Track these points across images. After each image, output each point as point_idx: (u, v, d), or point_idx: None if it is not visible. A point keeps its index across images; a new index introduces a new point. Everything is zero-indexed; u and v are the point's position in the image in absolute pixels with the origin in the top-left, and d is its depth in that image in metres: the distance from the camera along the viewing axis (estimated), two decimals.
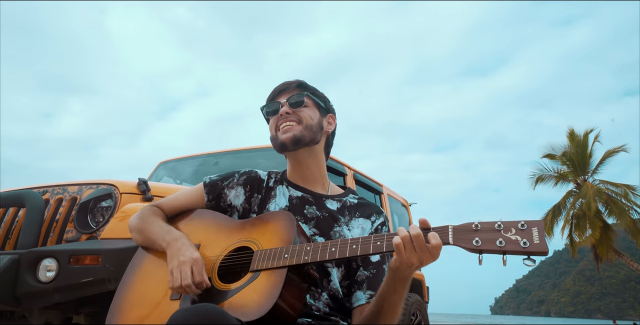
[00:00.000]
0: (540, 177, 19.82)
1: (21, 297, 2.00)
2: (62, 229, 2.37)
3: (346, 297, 1.32)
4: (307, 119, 1.39)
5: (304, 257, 1.10)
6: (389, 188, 5.09)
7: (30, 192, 2.33)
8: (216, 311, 0.93)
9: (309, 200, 1.40)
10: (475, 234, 1.02)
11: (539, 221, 1.01)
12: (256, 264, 1.14)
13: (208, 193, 1.42)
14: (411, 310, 4.53)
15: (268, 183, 1.45)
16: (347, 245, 1.10)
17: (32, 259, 2.03)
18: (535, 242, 0.97)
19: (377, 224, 1.41)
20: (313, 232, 1.34)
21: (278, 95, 1.45)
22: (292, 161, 1.45)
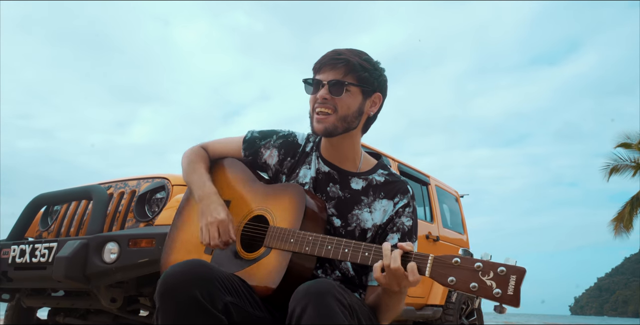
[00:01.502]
0: (615, 168, 18.73)
1: (90, 276, 2.31)
2: (124, 219, 2.68)
3: (357, 275, 1.41)
4: (344, 108, 1.34)
5: (305, 248, 1.22)
6: (437, 179, 5.14)
7: (96, 186, 2.66)
8: (204, 264, 1.11)
9: (334, 178, 1.42)
10: (452, 271, 1.02)
11: (520, 268, 0.98)
12: (269, 241, 1.29)
13: (245, 149, 1.51)
14: (461, 300, 4.58)
15: (305, 148, 1.48)
16: (342, 247, 1.18)
17: (98, 243, 2.33)
18: (508, 293, 0.96)
19: (399, 207, 1.39)
20: (332, 212, 1.39)
21: (322, 69, 1.36)
22: (326, 141, 1.45)
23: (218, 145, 1.58)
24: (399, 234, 1.37)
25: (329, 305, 1.01)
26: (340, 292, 1.05)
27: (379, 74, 1.40)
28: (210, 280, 1.08)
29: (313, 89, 1.37)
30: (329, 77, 1.34)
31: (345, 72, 1.34)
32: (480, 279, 0.99)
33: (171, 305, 1.05)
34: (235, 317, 1.12)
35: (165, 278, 1.07)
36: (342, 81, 1.33)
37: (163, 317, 1.06)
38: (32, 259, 2.50)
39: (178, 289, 1.05)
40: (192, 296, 1.04)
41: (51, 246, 2.45)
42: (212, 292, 1.07)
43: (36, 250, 2.50)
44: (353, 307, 1.08)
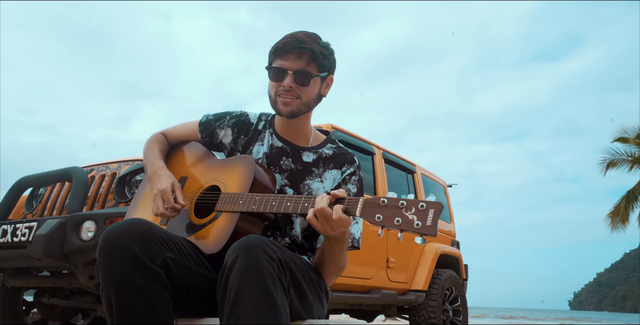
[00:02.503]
0: (612, 162, 18.74)
1: (68, 254, 2.38)
2: (105, 200, 2.75)
3: (307, 241, 1.50)
4: (306, 96, 1.44)
5: (252, 206, 1.30)
6: (423, 168, 5.19)
7: (76, 167, 2.73)
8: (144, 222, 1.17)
9: (286, 152, 1.52)
10: (379, 210, 1.12)
11: (437, 203, 1.08)
12: (220, 206, 1.37)
13: (201, 131, 1.59)
14: (445, 285, 4.64)
15: (257, 126, 1.57)
16: (285, 201, 1.27)
17: (75, 222, 2.40)
18: (427, 224, 1.06)
19: (346, 174, 1.49)
20: (285, 182, 1.49)
21: (286, 56, 1.42)
22: (282, 120, 1.53)
23: (176, 131, 1.66)
24: None
25: (256, 259, 1.07)
26: (271, 247, 1.12)
27: (333, 57, 1.50)
28: (149, 236, 1.14)
29: (277, 76, 1.44)
30: (294, 66, 1.42)
31: (308, 61, 1.42)
32: (403, 215, 1.09)
33: (109, 260, 1.11)
34: (176, 274, 1.17)
35: (105, 234, 1.13)
36: (309, 73, 1.43)
37: (102, 271, 1.12)
38: (14, 239, 2.57)
39: (116, 244, 1.11)
40: (130, 250, 1.10)
41: (31, 225, 2.52)
42: (151, 247, 1.13)
43: (17, 230, 2.57)
44: (285, 262, 1.14)
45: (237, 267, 1.07)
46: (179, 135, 1.65)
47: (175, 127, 1.68)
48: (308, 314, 1.28)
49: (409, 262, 4.48)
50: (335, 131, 3.83)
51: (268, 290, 1.05)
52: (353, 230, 1.47)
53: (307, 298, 1.26)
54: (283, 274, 1.12)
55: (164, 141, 1.64)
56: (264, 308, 1.03)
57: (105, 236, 1.13)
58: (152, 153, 1.57)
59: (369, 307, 4.37)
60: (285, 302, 1.09)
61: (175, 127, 1.68)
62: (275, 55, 1.45)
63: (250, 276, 1.05)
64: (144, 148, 1.63)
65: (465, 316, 4.97)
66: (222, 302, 1.09)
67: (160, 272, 1.13)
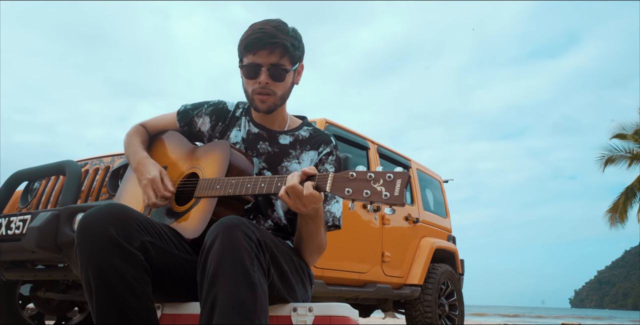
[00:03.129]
0: (610, 159, 18.76)
1: (61, 246, 2.39)
2: (98, 194, 2.77)
3: (290, 224, 1.52)
4: (281, 90, 1.47)
5: (228, 190, 1.32)
6: (419, 163, 5.21)
7: (70, 161, 2.75)
8: (122, 207, 1.19)
9: (263, 137, 1.54)
10: (349, 184, 1.13)
11: (404, 173, 1.10)
12: (198, 192, 1.39)
13: (180, 120, 1.61)
14: (440, 280, 4.66)
15: (235, 113, 1.59)
16: (259, 183, 1.29)
17: (69, 214, 2.41)
18: (394, 194, 1.08)
19: (323, 154, 1.53)
20: (262, 166, 1.51)
21: (258, 53, 1.42)
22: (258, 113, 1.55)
23: (155, 121, 1.67)
24: None
25: (235, 238, 1.09)
26: (250, 228, 1.13)
27: (302, 44, 1.51)
28: (127, 220, 1.16)
29: (251, 73, 1.44)
30: (267, 61, 1.42)
31: (281, 55, 1.43)
32: (372, 187, 1.11)
33: (87, 243, 1.12)
34: (155, 256, 1.19)
35: (84, 217, 1.15)
36: (284, 68, 1.44)
37: (80, 254, 1.14)
38: (8, 232, 2.58)
39: (94, 227, 1.12)
40: (107, 233, 1.11)
41: (25, 218, 2.54)
42: (128, 230, 1.14)
43: (11, 223, 2.59)
44: (264, 242, 1.15)
45: (216, 246, 1.08)
46: (157, 126, 1.67)
47: (154, 118, 1.69)
48: (291, 297, 1.29)
49: (404, 256, 4.49)
50: (329, 126, 3.85)
51: (245, 268, 1.06)
52: (334, 209, 1.49)
53: (289, 281, 1.28)
54: (262, 255, 1.13)
55: (143, 132, 1.65)
56: (242, 284, 1.05)
57: (83, 220, 1.14)
58: (133, 145, 1.58)
59: (364, 302, 4.39)
60: (264, 281, 1.11)
61: (154, 118, 1.69)
62: (247, 51, 1.44)
63: (228, 254, 1.07)
64: (124, 141, 1.64)
65: (462, 310, 4.98)
66: (201, 280, 1.10)
67: (139, 255, 1.15)
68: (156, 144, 1.66)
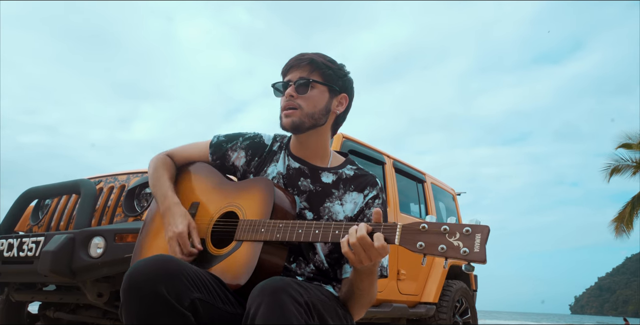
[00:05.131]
0: (616, 168, 18.65)
1: (76, 271, 2.30)
2: (113, 213, 2.68)
3: (332, 268, 1.41)
4: (309, 106, 1.39)
5: (276, 235, 1.22)
6: (433, 177, 5.12)
7: (85, 180, 2.65)
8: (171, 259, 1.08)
9: (304, 173, 1.44)
10: (420, 237, 1.04)
11: (484, 227, 1.01)
12: (239, 234, 1.28)
13: (212, 153, 1.51)
14: (455, 297, 4.56)
15: (272, 147, 1.50)
16: (312, 229, 1.19)
17: (84, 238, 2.32)
18: (475, 251, 0.99)
19: (369, 198, 1.42)
20: (303, 205, 1.40)
21: (290, 71, 1.42)
22: (295, 139, 1.48)
23: (184, 152, 1.57)
24: None
25: (282, 304, 0.99)
26: (297, 289, 1.03)
27: (344, 73, 1.46)
28: (177, 276, 1.06)
29: (280, 89, 1.43)
30: (296, 76, 1.40)
31: (310, 70, 1.40)
32: (447, 241, 1.01)
33: (135, 301, 1.03)
34: (203, 314, 1.09)
35: (131, 273, 1.05)
36: (307, 79, 1.39)
37: (127, 314, 1.04)
38: (20, 253, 2.49)
39: (142, 284, 1.02)
40: (157, 292, 1.02)
41: (38, 240, 2.45)
42: (179, 288, 1.05)
43: (24, 245, 2.50)
44: (312, 304, 1.06)
45: (262, 312, 0.98)
46: (187, 157, 1.57)
47: (183, 147, 1.58)
48: None
49: (419, 273, 4.39)
50: (346, 141, 3.76)
51: None
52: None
53: None
54: (311, 318, 1.04)
55: (171, 165, 1.55)
56: None
57: (130, 275, 1.04)
58: (162, 182, 1.48)
59: (378, 321, 4.29)
60: None
61: (183, 147, 1.58)
62: (282, 74, 1.45)
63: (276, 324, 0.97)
64: (149, 170, 1.54)
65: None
66: None
67: (189, 315, 1.06)
68: (185, 176, 1.55)
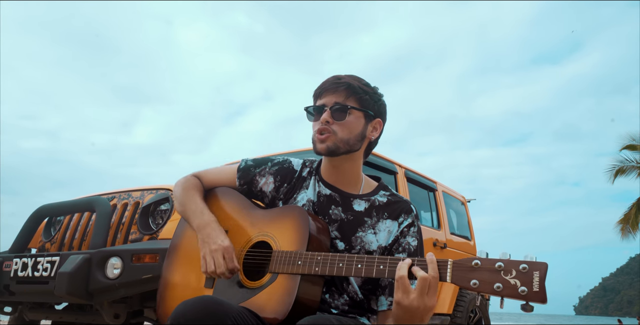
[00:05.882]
0: (621, 169, 18.59)
1: (93, 292, 2.26)
2: (128, 231, 2.63)
3: (366, 299, 1.36)
4: (345, 132, 1.35)
5: (315, 268, 1.17)
6: (444, 185, 5.07)
7: (99, 198, 2.61)
8: (215, 301, 1.05)
9: (336, 200, 1.40)
10: (473, 274, 1.00)
11: (542, 264, 0.96)
12: (274, 266, 1.23)
13: (240, 178, 1.48)
14: (469, 308, 4.50)
15: (301, 173, 1.47)
16: (354, 263, 1.13)
17: (100, 258, 2.28)
18: (534, 290, 0.93)
19: (404, 226, 1.38)
20: (335, 235, 1.36)
21: (324, 94, 1.38)
22: (328, 164, 1.44)
23: (212, 175, 1.54)
24: (405, 254, 1.35)
25: None
26: None
27: (378, 98, 1.43)
28: (222, 317, 1.03)
29: (315, 115, 1.39)
30: (331, 101, 1.36)
31: (346, 95, 1.36)
32: (503, 279, 0.97)
33: None
34: None
35: (175, 317, 1.01)
36: (345, 105, 1.35)
37: None
38: (35, 273, 2.45)
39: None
40: None
41: (53, 260, 2.41)
42: None
43: (38, 264, 2.46)
44: None
45: None
46: (214, 181, 1.53)
47: (210, 171, 1.55)
48: None
49: None
50: None
51: None
52: None
53: None
54: None
55: (199, 186, 1.50)
56: None
57: (175, 319, 1.01)
58: (196, 201, 1.43)
59: None
60: None
61: (210, 171, 1.55)
62: (316, 97, 1.41)
63: None
64: (176, 191, 1.50)
65: None
66: None
67: None
68: (213, 200, 1.50)
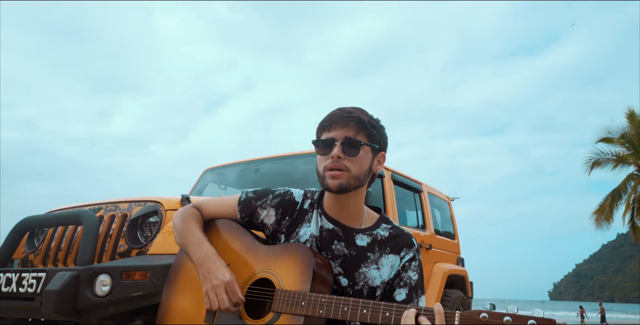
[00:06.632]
0: (597, 162, 19.02)
1: (81, 310, 2.21)
2: (115, 244, 2.58)
3: None
4: (357, 168, 1.35)
5: (319, 311, 1.17)
6: (428, 185, 5.11)
7: (86, 211, 2.55)
8: None
9: (338, 235, 1.40)
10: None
11: (550, 320, 0.97)
12: (277, 306, 1.22)
13: (241, 211, 1.46)
14: (454, 307, 4.57)
15: (302, 205, 1.46)
16: (359, 308, 1.14)
17: (89, 275, 2.23)
18: None
19: (406, 261, 1.39)
20: (338, 271, 1.36)
21: (334, 127, 1.36)
22: (333, 199, 1.42)
23: (212, 207, 1.51)
24: (406, 288, 1.36)
25: None
26: None
27: (383, 131, 1.44)
28: None
29: (325, 148, 1.37)
30: (342, 135, 1.35)
31: (357, 130, 1.36)
32: None
33: None
34: None
35: None
36: (357, 141, 1.35)
37: None
38: (19, 289, 2.39)
39: None
40: None
41: (39, 276, 2.35)
42: None
43: (23, 280, 2.40)
44: None
45: None
46: (215, 213, 1.50)
47: (210, 202, 1.52)
48: None
49: None
50: None
51: None
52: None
53: None
54: None
55: (199, 217, 1.48)
56: None
57: None
58: (195, 233, 1.41)
59: None
60: None
61: (210, 202, 1.52)
62: (323, 129, 1.39)
63: None
64: (175, 222, 1.48)
65: None
66: None
67: None
68: (213, 233, 1.48)
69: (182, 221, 1.45)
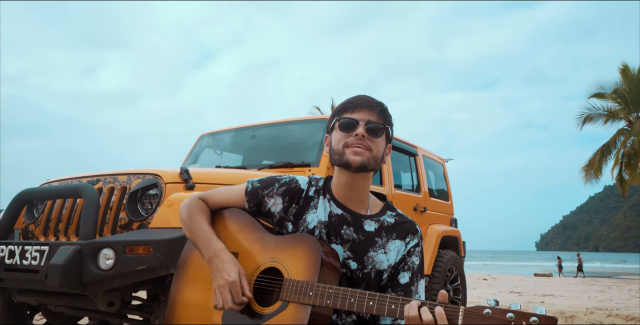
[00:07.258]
0: (588, 117, 19.09)
1: (86, 284, 2.26)
2: (116, 217, 2.60)
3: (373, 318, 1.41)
4: (377, 150, 1.41)
5: (326, 301, 1.20)
6: (424, 149, 5.13)
7: (86, 185, 2.54)
8: None
9: (347, 221, 1.43)
10: (484, 323, 1.02)
11: (552, 318, 0.98)
12: (286, 295, 1.26)
13: (249, 201, 1.48)
14: (447, 267, 4.71)
15: (308, 192, 1.48)
16: (365, 300, 1.17)
17: (93, 249, 2.26)
18: None
19: (411, 246, 1.44)
20: (347, 255, 1.40)
21: (358, 109, 1.41)
22: (345, 181, 1.44)
23: (218, 198, 1.52)
24: (409, 272, 1.43)
25: None
26: None
27: (393, 124, 1.52)
28: None
29: (347, 126, 1.40)
30: (365, 118, 1.40)
31: (379, 116, 1.42)
32: None
33: None
34: None
35: None
36: (382, 124, 1.42)
37: None
38: (23, 261, 2.42)
39: None
40: None
41: (42, 250, 2.37)
42: None
43: (26, 253, 2.42)
44: None
45: None
46: (221, 203, 1.52)
47: (217, 192, 1.53)
48: None
49: None
50: None
51: None
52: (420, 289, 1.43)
53: None
54: None
55: (206, 209, 1.49)
56: None
57: None
58: (202, 227, 1.43)
59: None
60: None
61: (217, 192, 1.53)
62: (346, 110, 1.43)
63: None
64: (182, 214, 1.49)
65: (464, 293, 5.09)
66: None
67: None
68: (221, 222, 1.49)
69: (189, 214, 1.47)
